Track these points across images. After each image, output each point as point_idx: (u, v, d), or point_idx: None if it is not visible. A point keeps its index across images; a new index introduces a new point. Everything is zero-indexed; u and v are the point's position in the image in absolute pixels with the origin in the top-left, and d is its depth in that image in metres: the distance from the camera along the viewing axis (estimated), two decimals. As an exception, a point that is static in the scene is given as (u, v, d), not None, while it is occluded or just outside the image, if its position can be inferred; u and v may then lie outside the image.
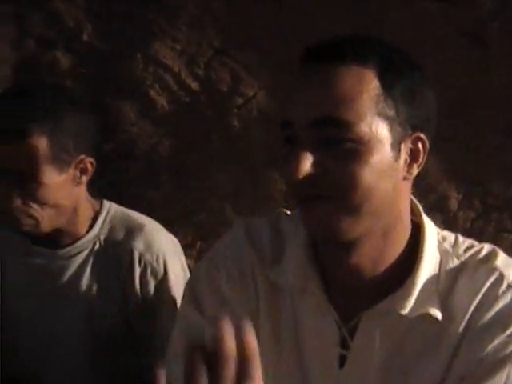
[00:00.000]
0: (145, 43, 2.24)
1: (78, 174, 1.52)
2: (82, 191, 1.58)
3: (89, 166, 1.53)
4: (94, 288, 1.58)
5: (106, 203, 1.64)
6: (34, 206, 1.48)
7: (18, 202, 1.47)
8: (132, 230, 1.59)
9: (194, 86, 2.22)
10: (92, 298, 1.58)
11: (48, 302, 1.60)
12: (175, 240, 1.67)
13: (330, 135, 1.02)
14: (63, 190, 1.50)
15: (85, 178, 1.55)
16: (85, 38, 2.31)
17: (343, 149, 1.02)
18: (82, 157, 1.51)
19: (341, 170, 1.02)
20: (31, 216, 1.49)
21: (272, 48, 2.19)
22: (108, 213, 1.62)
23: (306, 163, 1.01)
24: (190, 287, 1.24)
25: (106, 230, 1.60)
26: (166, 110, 2.25)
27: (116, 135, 2.30)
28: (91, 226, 1.60)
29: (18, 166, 1.45)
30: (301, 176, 1.01)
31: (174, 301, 1.57)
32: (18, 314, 1.63)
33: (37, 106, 1.46)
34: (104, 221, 1.61)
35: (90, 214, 1.62)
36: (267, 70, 2.19)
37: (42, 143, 1.45)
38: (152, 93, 2.25)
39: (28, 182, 1.46)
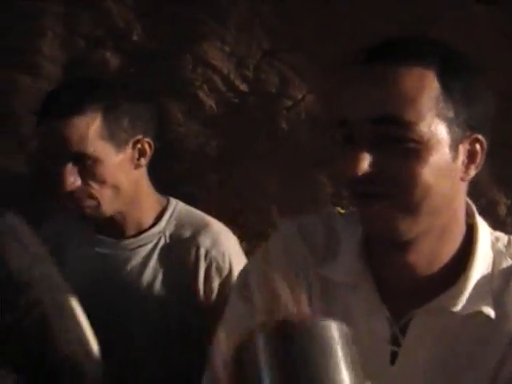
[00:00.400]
0: (194, 44, 2.32)
1: (137, 155, 1.59)
2: (142, 177, 1.64)
3: (147, 146, 1.59)
4: (157, 281, 1.65)
5: (173, 200, 1.72)
6: (94, 185, 1.56)
7: (78, 181, 1.54)
8: (198, 227, 1.66)
9: (243, 87, 2.29)
10: (154, 290, 1.64)
11: (109, 291, 1.67)
12: (237, 240, 1.72)
13: (389, 134, 1.07)
14: (121, 169, 1.58)
15: (143, 161, 1.61)
16: (134, 37, 2.40)
17: (403, 148, 1.07)
18: (139, 137, 1.58)
19: (400, 168, 1.07)
20: (91, 196, 1.56)
21: (321, 50, 2.25)
22: (174, 209, 1.70)
23: (365, 161, 1.07)
24: (242, 280, 1.29)
25: (172, 226, 1.67)
26: (214, 111, 2.32)
27: (163, 135, 2.37)
28: (157, 221, 1.66)
29: (74, 142, 1.53)
30: (359, 173, 1.06)
31: None
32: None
33: (93, 85, 1.55)
34: (170, 216, 1.68)
35: (155, 207, 1.69)
36: (316, 72, 2.25)
37: (95, 118, 1.52)
38: (200, 94, 2.32)
39: (85, 159, 1.53)
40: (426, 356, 1.17)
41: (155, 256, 1.66)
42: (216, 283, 1.63)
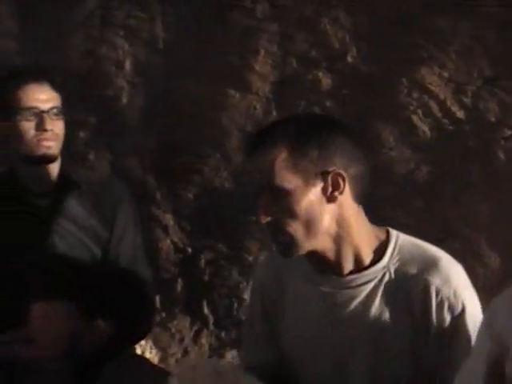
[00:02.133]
0: (411, 68, 2.34)
1: (330, 188, 1.58)
2: (347, 212, 1.60)
3: (339, 179, 1.56)
4: (382, 320, 1.61)
5: (393, 232, 1.66)
6: (286, 219, 1.57)
7: (269, 214, 1.58)
8: (426, 263, 1.61)
9: (460, 114, 2.29)
10: (379, 329, 1.62)
11: (332, 330, 1.66)
12: (465, 272, 1.67)
13: None
14: (312, 202, 1.56)
15: (337, 194, 1.56)
16: (349, 59, 2.44)
17: None
18: (330, 169, 1.56)
19: None
20: (284, 231, 1.57)
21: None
22: (397, 242, 1.64)
23: None
24: (488, 318, 1.28)
25: (395, 261, 1.62)
26: (428, 137, 2.33)
27: (373, 158, 2.40)
28: (380, 255, 1.63)
29: (265, 176, 1.57)
30: None
31: (469, 338, 1.57)
32: (300, 339, 1.70)
33: (283, 121, 1.63)
34: (393, 250, 1.63)
35: (373, 241, 1.63)
36: (540, 102, 2.22)
37: (281, 152, 1.56)
38: (414, 119, 2.34)
39: (274, 191, 1.56)
40: None
41: (380, 293, 1.61)
42: (447, 322, 1.59)
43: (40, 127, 2.08)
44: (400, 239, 1.66)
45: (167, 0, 2.79)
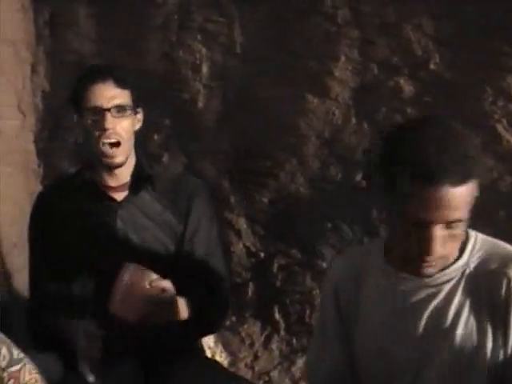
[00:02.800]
0: (496, 76, 2.30)
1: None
2: None
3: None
4: (463, 316, 1.62)
5: (472, 232, 1.69)
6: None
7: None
8: (506, 259, 1.62)
9: (546, 124, 2.25)
10: (459, 326, 1.62)
11: (410, 329, 1.66)
12: None
13: None
14: None
15: None
16: (431, 66, 2.42)
17: None
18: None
19: None
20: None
21: None
22: (476, 241, 1.67)
23: None
24: None
25: (475, 259, 1.64)
26: (512, 146, 2.30)
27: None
28: (460, 254, 1.66)
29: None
30: None
31: None
32: (375, 340, 1.70)
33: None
34: (473, 249, 1.66)
35: None
36: None
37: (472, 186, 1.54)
38: (499, 127, 2.31)
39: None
40: None
41: (460, 291, 1.64)
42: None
43: (100, 126, 2.08)
44: (479, 238, 1.68)
45: (245, 4, 2.80)
